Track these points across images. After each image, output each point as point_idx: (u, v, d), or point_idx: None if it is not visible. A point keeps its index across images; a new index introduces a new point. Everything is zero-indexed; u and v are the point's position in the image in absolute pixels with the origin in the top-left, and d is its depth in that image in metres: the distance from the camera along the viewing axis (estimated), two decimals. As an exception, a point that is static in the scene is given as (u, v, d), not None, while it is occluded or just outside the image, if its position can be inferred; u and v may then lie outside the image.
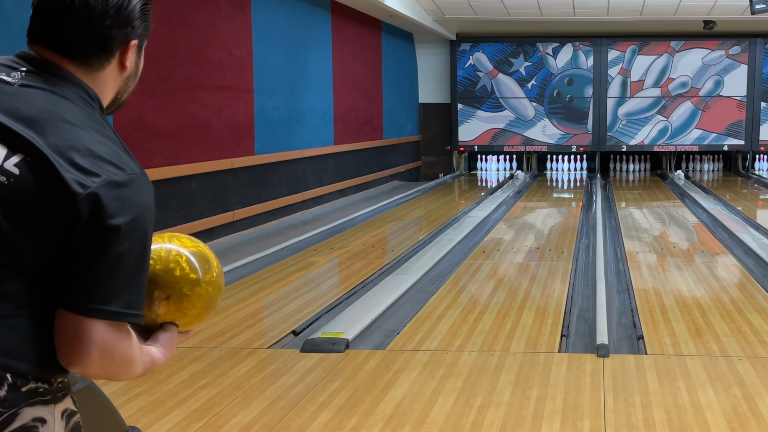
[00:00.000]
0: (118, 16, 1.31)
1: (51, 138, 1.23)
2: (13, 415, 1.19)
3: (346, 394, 3.57)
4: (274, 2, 9.17)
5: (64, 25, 1.29)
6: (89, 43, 1.31)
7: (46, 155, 1.21)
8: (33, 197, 1.20)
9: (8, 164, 1.21)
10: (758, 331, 4.55)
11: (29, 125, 1.23)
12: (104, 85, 1.36)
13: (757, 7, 9.83)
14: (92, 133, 1.27)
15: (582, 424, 3.23)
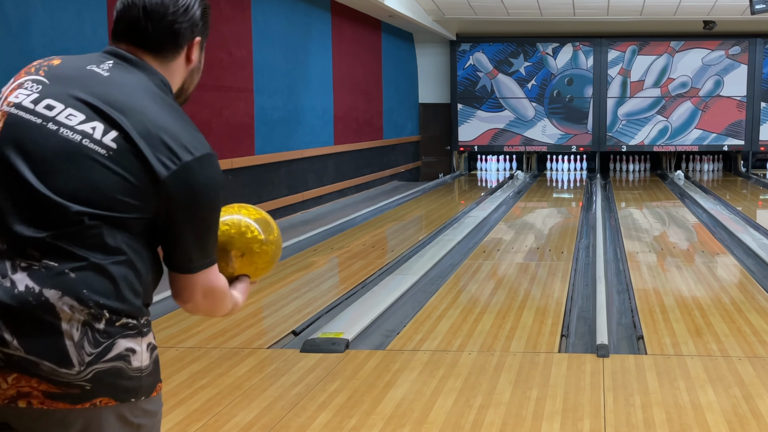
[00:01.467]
0: (186, 16, 1.61)
1: (137, 119, 1.49)
2: (110, 344, 1.47)
3: (346, 394, 3.57)
4: (274, 2, 9.17)
5: (144, 24, 1.58)
6: (163, 37, 1.60)
7: (133, 136, 1.48)
8: (127, 169, 1.47)
9: (106, 139, 1.48)
10: (758, 331, 4.55)
11: (119, 108, 1.50)
12: (174, 74, 1.65)
13: (757, 7, 9.83)
14: (170, 114, 1.54)
15: (582, 424, 3.23)
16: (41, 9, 5.46)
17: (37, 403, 1.45)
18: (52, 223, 1.46)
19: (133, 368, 1.51)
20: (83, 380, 1.46)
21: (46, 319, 1.44)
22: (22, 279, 1.44)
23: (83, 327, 1.46)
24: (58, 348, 1.44)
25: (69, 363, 1.45)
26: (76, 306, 1.45)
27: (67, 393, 1.45)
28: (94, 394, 1.47)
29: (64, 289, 1.45)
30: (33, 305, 1.43)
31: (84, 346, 1.46)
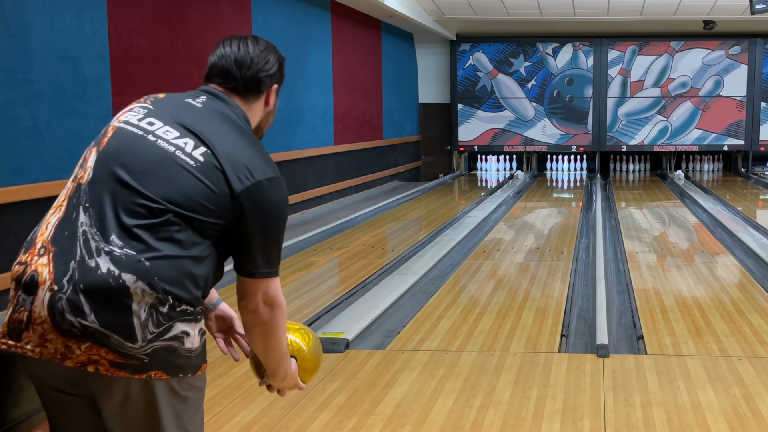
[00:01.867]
0: (267, 69, 1.98)
1: (222, 142, 1.80)
2: (170, 326, 1.71)
3: (346, 394, 3.57)
4: (274, 2, 9.17)
5: (235, 72, 1.95)
6: (248, 84, 1.96)
7: (217, 154, 1.77)
8: (210, 180, 1.75)
9: (196, 153, 1.77)
10: (758, 331, 4.55)
11: (207, 132, 1.81)
12: (254, 113, 2.00)
13: (757, 7, 9.83)
14: (249, 141, 1.86)
15: (582, 424, 3.23)
16: (41, 9, 5.46)
17: (103, 370, 1.68)
18: (139, 215, 1.71)
19: (185, 348, 1.74)
20: (143, 354, 1.69)
21: (121, 299, 1.67)
22: (104, 263, 1.68)
23: (150, 309, 1.69)
24: (127, 324, 1.67)
25: (134, 338, 1.68)
26: (147, 290, 1.69)
27: (128, 364, 1.69)
28: (150, 367, 1.70)
29: (139, 274, 1.68)
30: (112, 286, 1.67)
31: (148, 325, 1.69)
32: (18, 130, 5.29)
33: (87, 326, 1.66)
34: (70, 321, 1.66)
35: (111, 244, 1.69)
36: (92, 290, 1.67)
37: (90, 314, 1.66)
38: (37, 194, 5.42)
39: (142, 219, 1.70)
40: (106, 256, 1.68)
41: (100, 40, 6.06)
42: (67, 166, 5.72)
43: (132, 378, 1.70)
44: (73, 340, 1.67)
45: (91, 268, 1.68)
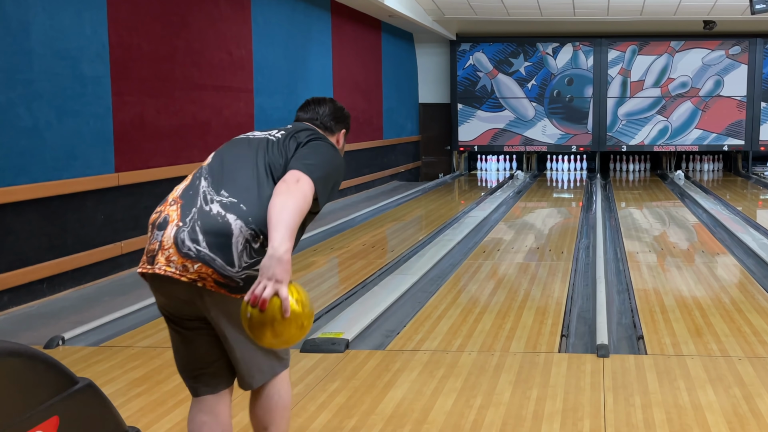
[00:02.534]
0: (339, 117, 2.75)
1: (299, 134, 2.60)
2: (259, 260, 2.27)
3: (346, 394, 3.57)
4: (274, 2, 9.17)
5: (315, 114, 2.73)
6: (325, 127, 2.71)
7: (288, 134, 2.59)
8: (284, 145, 2.51)
9: (276, 134, 2.59)
10: (758, 331, 4.55)
11: (290, 130, 2.66)
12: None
13: (757, 7, 9.83)
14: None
15: (582, 424, 3.23)
16: (41, 9, 5.46)
17: (208, 286, 2.25)
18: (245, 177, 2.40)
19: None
20: (239, 278, 2.26)
21: (224, 232, 2.25)
22: (215, 207, 2.31)
23: (245, 242, 2.27)
24: (228, 252, 2.24)
25: (233, 264, 2.25)
26: (244, 228, 2.28)
27: (227, 284, 2.26)
28: (243, 289, 2.26)
29: (238, 215, 2.28)
30: (219, 222, 2.27)
31: (243, 256, 2.27)
32: (18, 130, 5.28)
33: (200, 250, 2.26)
34: (188, 246, 2.26)
35: (221, 195, 2.34)
36: (205, 226, 2.28)
37: (202, 242, 2.25)
38: (37, 194, 5.42)
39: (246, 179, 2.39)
40: (216, 203, 2.32)
41: (100, 40, 6.06)
42: (67, 166, 5.72)
43: (228, 296, 2.26)
44: (189, 261, 2.25)
45: (206, 211, 2.31)
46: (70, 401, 2.03)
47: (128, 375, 3.90)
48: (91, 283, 5.99)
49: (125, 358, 4.15)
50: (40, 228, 5.50)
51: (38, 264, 5.47)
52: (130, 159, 6.46)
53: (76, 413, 2.04)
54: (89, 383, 2.12)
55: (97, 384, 2.19)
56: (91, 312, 5.19)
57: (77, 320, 4.96)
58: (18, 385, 1.87)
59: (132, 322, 4.87)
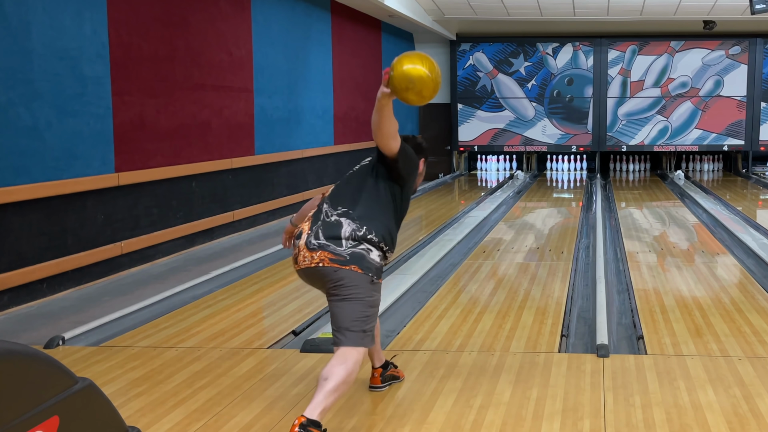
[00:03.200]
0: (419, 148, 3.49)
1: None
2: (359, 243, 3.21)
3: (347, 394, 3.57)
4: (274, 2, 9.17)
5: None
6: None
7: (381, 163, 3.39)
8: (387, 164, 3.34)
9: (366, 160, 3.46)
10: (758, 331, 4.55)
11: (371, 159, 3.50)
12: None
13: (757, 7, 9.83)
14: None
15: (582, 424, 3.23)
16: (41, 9, 5.46)
17: (326, 264, 3.18)
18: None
19: (369, 258, 3.22)
20: (347, 255, 3.17)
21: (336, 228, 3.21)
22: (334, 215, 3.27)
23: (352, 232, 3.20)
24: (338, 240, 3.19)
25: (341, 246, 3.18)
26: (351, 223, 3.23)
27: (338, 260, 3.16)
28: (350, 263, 3.17)
29: (349, 220, 3.24)
30: (332, 222, 3.24)
31: (349, 240, 3.19)
32: (18, 130, 5.28)
33: (320, 242, 3.19)
34: (313, 243, 3.20)
35: (338, 209, 3.28)
36: (325, 226, 3.23)
37: (321, 237, 3.20)
38: (37, 194, 5.43)
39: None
40: (337, 214, 3.26)
41: (100, 40, 6.06)
42: (67, 166, 5.72)
43: (341, 268, 3.15)
44: (313, 252, 3.19)
45: (325, 219, 3.26)
46: (70, 401, 2.03)
47: (128, 375, 3.90)
48: (91, 283, 5.99)
49: (125, 358, 4.15)
50: (40, 228, 5.50)
51: (38, 264, 5.47)
52: (130, 159, 6.46)
53: (76, 413, 2.04)
54: (89, 383, 2.12)
55: (97, 384, 2.19)
56: (91, 312, 5.19)
57: (77, 320, 4.97)
58: (18, 385, 1.87)
59: (132, 322, 4.87)
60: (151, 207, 6.79)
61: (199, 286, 5.81)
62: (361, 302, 3.16)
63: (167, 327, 4.74)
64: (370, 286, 3.18)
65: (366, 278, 3.17)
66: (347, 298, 3.15)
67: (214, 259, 6.98)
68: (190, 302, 5.36)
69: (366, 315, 3.17)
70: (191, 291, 5.67)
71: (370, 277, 3.18)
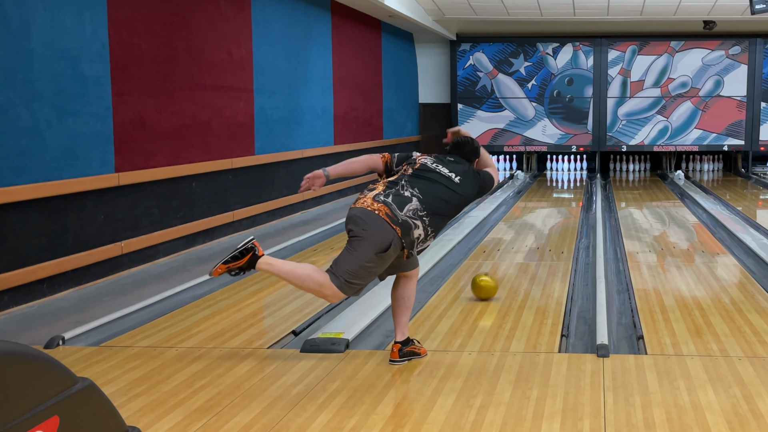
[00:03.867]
0: (474, 152, 4.19)
1: (465, 175, 4.07)
2: (409, 220, 3.79)
3: (346, 394, 3.57)
4: (274, 2, 9.17)
5: (464, 152, 4.18)
6: (468, 157, 4.18)
7: (464, 177, 4.05)
8: (465, 189, 4.02)
9: (456, 178, 4.00)
10: (758, 331, 4.55)
11: (459, 171, 4.05)
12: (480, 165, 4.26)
13: (757, 7, 9.83)
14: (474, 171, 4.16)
15: (582, 424, 3.23)
16: (41, 9, 5.46)
17: (381, 214, 3.70)
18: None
19: (414, 233, 3.74)
20: (400, 222, 3.70)
21: (406, 201, 3.81)
22: (408, 191, 3.86)
23: (413, 214, 3.77)
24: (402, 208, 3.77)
25: (398, 217, 3.73)
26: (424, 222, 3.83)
27: (394, 222, 3.70)
28: (398, 226, 3.69)
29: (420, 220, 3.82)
30: (405, 197, 3.83)
31: (403, 215, 3.73)
32: (18, 130, 5.28)
33: (387, 201, 3.76)
34: (381, 198, 3.77)
35: (413, 190, 3.87)
36: (395, 196, 3.81)
37: (390, 197, 3.78)
38: (37, 194, 5.42)
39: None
40: (408, 190, 3.86)
41: (100, 40, 6.06)
42: (67, 166, 5.72)
43: (394, 228, 3.68)
44: (376, 202, 3.75)
45: (400, 191, 3.82)
46: (70, 401, 2.03)
47: (128, 375, 3.90)
48: (91, 283, 5.99)
49: (125, 358, 4.15)
50: (40, 228, 5.50)
51: (38, 264, 5.47)
52: (130, 159, 6.46)
53: (76, 413, 2.04)
54: (89, 383, 2.12)
55: (97, 384, 2.19)
56: (91, 312, 5.19)
57: (77, 320, 4.97)
58: (18, 385, 1.87)
59: (132, 322, 4.87)
60: (151, 207, 6.79)
61: (199, 286, 5.81)
62: (358, 257, 3.69)
63: (167, 327, 4.74)
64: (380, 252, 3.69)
65: (390, 234, 3.68)
66: (355, 243, 3.72)
67: (214, 259, 6.97)
68: (190, 302, 5.36)
69: (354, 271, 3.70)
70: (191, 291, 5.67)
71: (392, 238, 3.68)
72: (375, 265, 3.73)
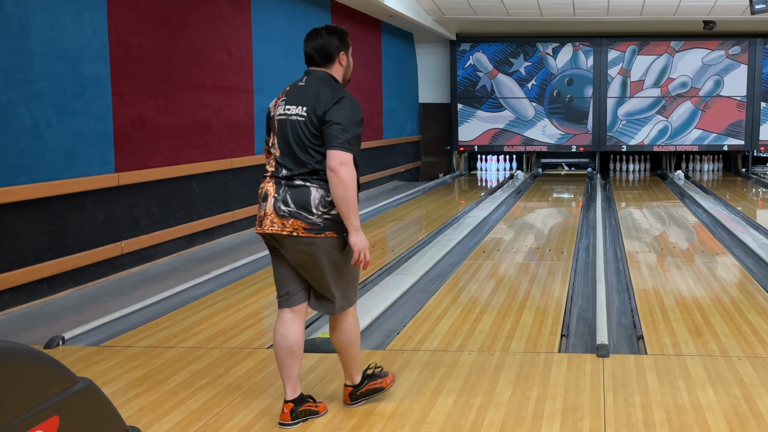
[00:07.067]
0: (332, 46, 3.28)
1: (313, 101, 3.19)
2: (332, 209, 3.15)
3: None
4: (274, 2, 9.17)
5: (315, 56, 3.29)
6: (325, 59, 3.30)
7: (313, 110, 3.18)
8: (311, 122, 3.16)
9: (302, 111, 3.19)
10: (758, 331, 4.55)
11: (307, 98, 3.21)
12: (335, 72, 3.33)
13: (757, 7, 9.83)
14: (328, 88, 3.24)
15: (582, 424, 3.23)
16: (41, 9, 5.46)
17: (300, 233, 3.14)
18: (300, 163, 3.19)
19: (339, 223, 3.17)
20: (320, 222, 3.14)
21: (306, 194, 3.15)
22: (298, 180, 3.18)
23: (320, 198, 3.15)
24: (308, 207, 3.14)
25: (312, 213, 3.14)
26: (319, 192, 3.15)
27: (312, 228, 3.14)
28: (324, 229, 3.15)
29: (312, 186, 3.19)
30: (300, 186, 3.17)
31: (319, 207, 3.14)
32: (18, 130, 5.28)
33: (291, 210, 3.14)
34: (283, 210, 3.15)
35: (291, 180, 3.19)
36: (293, 192, 3.16)
37: (291, 204, 3.14)
38: (37, 194, 5.42)
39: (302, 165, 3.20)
40: (299, 177, 3.17)
41: (100, 40, 6.06)
42: (67, 166, 5.72)
43: (316, 237, 3.14)
44: (284, 219, 3.15)
45: (293, 183, 3.17)
46: (70, 401, 2.03)
47: (128, 375, 3.90)
48: (91, 283, 5.99)
49: (125, 358, 4.15)
50: (40, 228, 5.50)
51: (38, 264, 5.47)
52: (130, 159, 6.46)
53: (76, 413, 2.04)
54: (89, 383, 2.12)
55: (97, 384, 2.19)
56: (91, 312, 5.19)
57: (77, 320, 4.97)
58: (18, 385, 1.87)
59: (132, 322, 4.87)
60: (151, 207, 6.79)
61: (199, 286, 5.81)
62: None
63: (167, 327, 4.74)
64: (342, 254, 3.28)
65: (339, 243, 3.24)
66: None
67: (214, 259, 6.98)
68: (190, 302, 5.36)
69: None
70: (191, 291, 5.67)
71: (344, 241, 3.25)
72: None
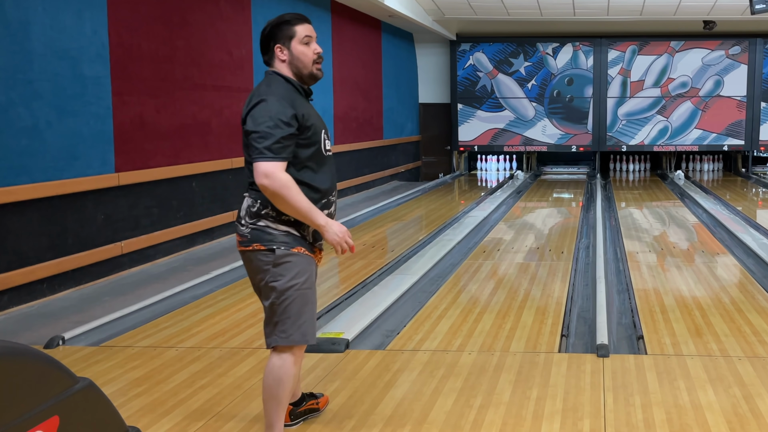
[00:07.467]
0: (265, 40, 3.07)
1: (249, 103, 2.90)
2: (258, 220, 2.89)
3: (346, 394, 3.57)
4: (274, 2, 9.17)
5: (262, 53, 3.06)
6: (265, 54, 3.06)
7: (243, 118, 2.90)
8: (243, 132, 2.87)
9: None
10: (758, 331, 4.55)
11: (249, 100, 2.93)
12: (278, 68, 3.03)
13: (757, 7, 9.83)
14: (255, 94, 2.91)
15: (582, 424, 3.23)
16: (41, 9, 5.46)
17: (238, 247, 2.95)
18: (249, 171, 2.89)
19: (269, 233, 2.87)
20: (247, 233, 2.89)
21: (243, 207, 2.95)
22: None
23: (247, 208, 2.91)
24: (239, 219, 2.94)
25: (242, 224, 2.92)
26: (247, 199, 2.93)
27: (243, 240, 2.91)
28: (252, 241, 2.88)
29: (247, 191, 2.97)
30: (244, 196, 2.96)
31: (246, 218, 2.90)
32: (18, 130, 5.28)
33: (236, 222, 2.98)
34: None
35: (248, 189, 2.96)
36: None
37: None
38: (37, 194, 5.42)
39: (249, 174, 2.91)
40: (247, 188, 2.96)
41: (100, 40, 6.06)
42: (67, 166, 5.72)
43: (245, 249, 2.89)
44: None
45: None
46: (70, 401, 2.03)
47: (128, 375, 3.90)
48: (91, 283, 5.99)
49: (125, 358, 4.15)
50: (40, 228, 5.50)
51: (38, 264, 5.47)
52: (130, 159, 6.46)
53: (76, 413, 2.04)
54: (89, 383, 2.12)
55: (97, 384, 2.19)
56: (91, 312, 5.19)
57: (77, 320, 4.97)
58: (18, 385, 1.87)
59: (132, 322, 4.87)
60: (151, 207, 6.79)
61: (199, 286, 5.81)
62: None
63: (167, 327, 4.74)
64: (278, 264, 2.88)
65: (273, 255, 2.87)
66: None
67: (214, 259, 6.98)
68: (190, 302, 5.36)
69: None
70: (191, 291, 5.67)
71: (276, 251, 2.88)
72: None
